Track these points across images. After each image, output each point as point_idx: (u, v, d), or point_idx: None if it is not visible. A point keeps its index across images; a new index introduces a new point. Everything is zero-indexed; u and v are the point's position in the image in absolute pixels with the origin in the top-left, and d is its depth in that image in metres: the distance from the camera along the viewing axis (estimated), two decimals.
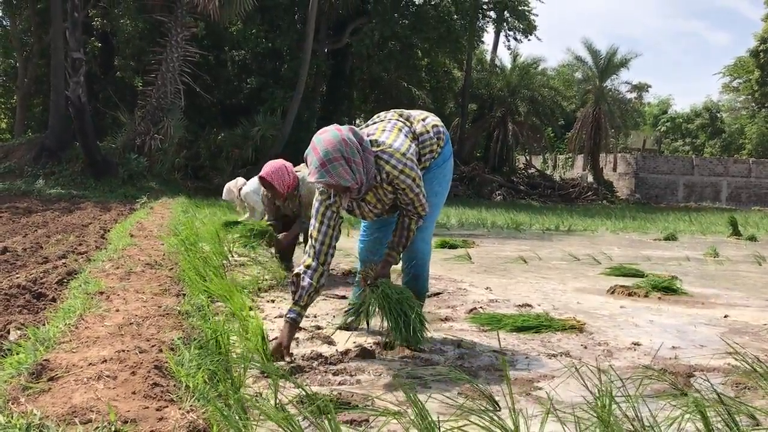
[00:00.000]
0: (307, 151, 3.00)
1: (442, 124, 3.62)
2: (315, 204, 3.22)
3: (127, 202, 14.47)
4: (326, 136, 2.96)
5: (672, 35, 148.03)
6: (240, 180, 8.53)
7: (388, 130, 3.26)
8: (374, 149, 3.11)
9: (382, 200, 3.26)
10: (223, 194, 8.91)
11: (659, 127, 54.27)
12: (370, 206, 3.28)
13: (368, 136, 3.22)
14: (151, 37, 20.81)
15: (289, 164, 5.51)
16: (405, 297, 3.18)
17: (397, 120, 3.39)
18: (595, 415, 2.14)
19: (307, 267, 3.13)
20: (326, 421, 1.90)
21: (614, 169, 34.78)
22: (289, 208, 5.61)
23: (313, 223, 3.19)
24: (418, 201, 3.24)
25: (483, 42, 32.67)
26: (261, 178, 5.34)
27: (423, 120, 3.49)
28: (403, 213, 3.31)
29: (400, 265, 3.67)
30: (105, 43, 23.96)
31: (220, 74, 24.01)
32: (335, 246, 3.23)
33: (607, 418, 2.11)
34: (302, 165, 5.63)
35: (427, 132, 3.44)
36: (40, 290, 3.69)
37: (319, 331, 3.66)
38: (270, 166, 5.40)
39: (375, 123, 3.40)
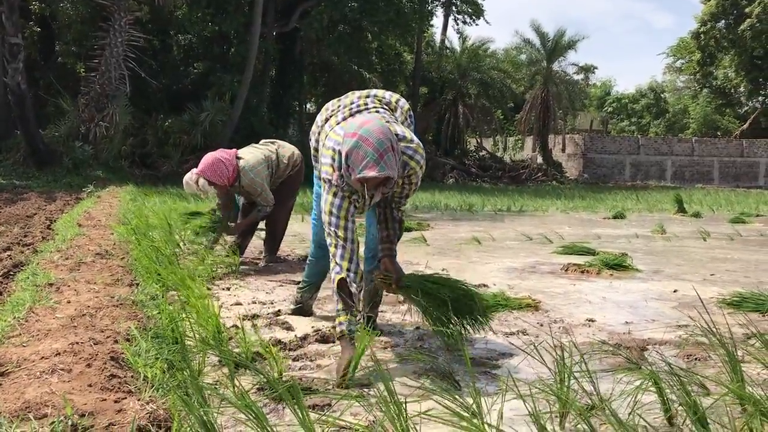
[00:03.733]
0: (351, 144, 2.67)
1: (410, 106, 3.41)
2: (335, 200, 2.86)
3: (72, 191, 14.06)
4: (373, 126, 2.69)
5: (618, 17, 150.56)
6: (194, 170, 8.32)
7: (394, 123, 3.00)
8: (402, 143, 2.87)
9: (385, 191, 2.94)
10: (185, 188, 8.64)
11: (606, 108, 55.27)
12: (375, 199, 2.93)
13: None
14: (93, 21, 20.17)
15: (226, 154, 5.45)
16: (447, 280, 3.10)
17: (384, 109, 3.13)
18: (553, 392, 2.18)
19: (348, 270, 2.79)
20: (293, 407, 1.89)
21: (563, 150, 35.33)
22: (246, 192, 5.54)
23: (336, 221, 2.84)
24: (413, 192, 3.13)
25: (432, 25, 32.67)
26: (198, 174, 5.34)
27: (398, 102, 3.26)
28: (392, 206, 3.13)
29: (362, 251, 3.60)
30: (44, 28, 23.13)
31: (166, 59, 23.48)
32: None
33: (565, 394, 2.15)
34: (245, 149, 5.66)
35: (406, 119, 3.24)
36: None
37: (278, 317, 3.63)
38: (204, 163, 5.36)
39: (360, 112, 3.06)
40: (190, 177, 6.22)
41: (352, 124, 2.77)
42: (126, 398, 1.77)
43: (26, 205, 9.92)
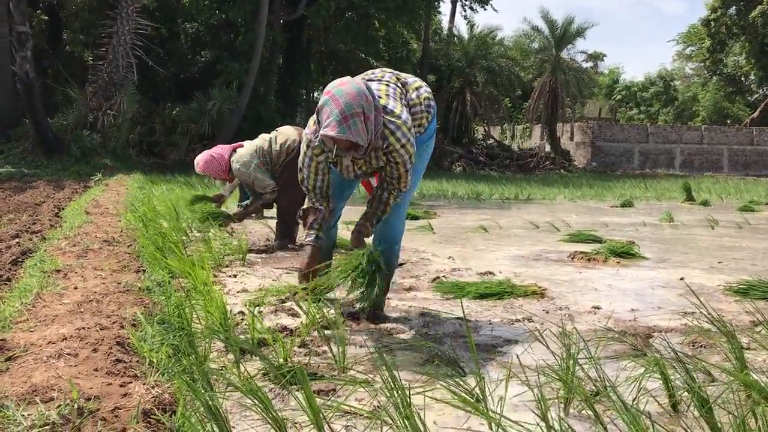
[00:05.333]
0: (322, 101, 2.80)
1: (433, 97, 3.37)
2: (305, 160, 3.13)
3: (80, 179, 14.11)
4: (348, 88, 2.77)
5: (628, 4, 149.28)
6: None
7: (393, 97, 3.03)
8: (387, 116, 2.92)
9: (370, 165, 3.11)
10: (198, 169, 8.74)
11: (614, 96, 54.96)
12: (356, 167, 3.12)
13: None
14: (101, 9, 20.19)
15: (220, 150, 6.02)
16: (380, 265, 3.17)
17: (395, 85, 3.16)
18: (558, 377, 2.18)
19: (313, 201, 3.21)
20: (299, 392, 1.90)
21: (571, 139, 35.20)
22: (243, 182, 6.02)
23: (306, 173, 3.15)
24: (405, 178, 3.10)
25: (440, 12, 32.55)
26: (200, 171, 6.06)
27: (417, 89, 3.26)
28: (383, 186, 3.16)
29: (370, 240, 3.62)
30: (52, 17, 23.17)
31: (174, 47, 23.49)
32: (331, 193, 3.26)
33: (570, 380, 2.15)
34: (248, 141, 6.06)
35: (419, 104, 3.21)
36: None
37: (283, 304, 3.64)
38: (200, 162, 5.98)
39: (373, 81, 3.13)
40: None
41: (333, 83, 2.87)
42: (131, 382, 1.79)
43: (35, 193, 9.97)
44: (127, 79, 19.19)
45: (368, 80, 3.11)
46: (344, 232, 4.47)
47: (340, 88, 2.77)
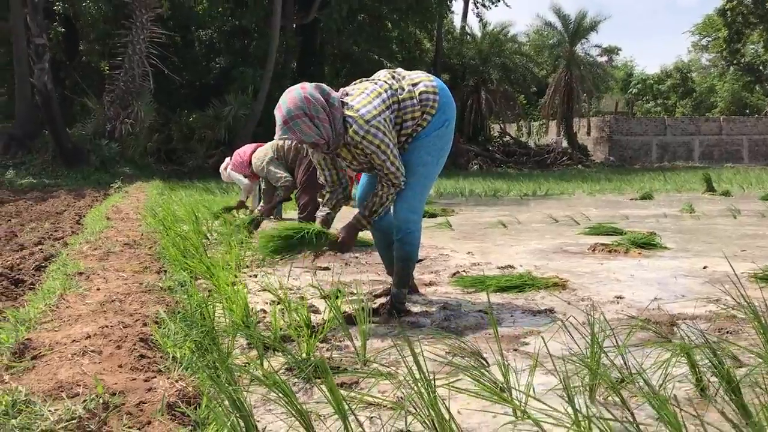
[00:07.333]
0: (274, 110, 3.13)
1: (440, 89, 3.41)
2: (315, 158, 3.51)
3: (100, 188, 14.26)
4: (290, 95, 3.08)
5: None
6: (227, 160, 8.56)
7: (366, 93, 3.24)
8: (345, 111, 3.17)
9: (357, 158, 3.30)
10: (223, 177, 8.95)
11: (630, 90, 54.51)
12: (346, 162, 3.39)
13: (345, 95, 3.26)
14: (116, 19, 20.39)
15: (247, 148, 7.33)
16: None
17: (385, 81, 3.33)
18: (583, 364, 2.16)
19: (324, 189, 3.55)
20: (322, 385, 1.89)
21: (588, 134, 34.96)
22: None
23: (322, 171, 3.50)
24: (386, 168, 3.22)
25: (452, 11, 32.48)
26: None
27: (413, 85, 3.36)
28: (378, 178, 3.31)
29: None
30: (68, 28, 23.43)
31: (188, 55, 23.64)
32: (342, 175, 3.54)
33: (594, 365, 2.13)
34: (268, 144, 6.87)
35: (411, 98, 3.29)
36: (17, 276, 3.63)
37: (303, 301, 3.64)
38: (233, 161, 7.44)
39: (363, 82, 3.41)
40: (222, 167, 8.31)
41: (284, 93, 3.17)
42: (155, 377, 1.79)
43: (56, 202, 10.08)
44: (143, 88, 19.36)
45: (361, 81, 3.40)
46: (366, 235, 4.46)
47: (284, 97, 3.10)
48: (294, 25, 24.94)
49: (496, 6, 32.11)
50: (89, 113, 20.12)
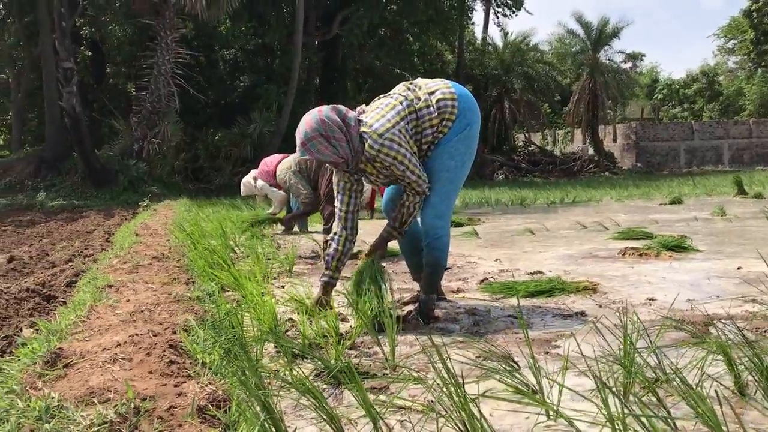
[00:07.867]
0: (296, 132, 3.27)
1: (459, 95, 3.41)
2: (335, 179, 3.51)
3: (129, 207, 14.45)
4: (307, 119, 3.20)
5: (662, 2, 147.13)
6: (253, 172, 8.63)
7: (380, 108, 3.33)
8: (360, 128, 3.26)
9: (381, 171, 3.33)
10: (242, 191, 9.00)
11: (656, 95, 53.96)
12: (372, 177, 3.41)
13: (362, 113, 3.37)
14: (141, 41, 20.73)
15: (272, 159, 7.72)
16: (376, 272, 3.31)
17: (400, 94, 3.40)
18: (618, 363, 2.11)
19: (334, 233, 3.48)
20: (349, 390, 1.88)
21: (614, 140, 34.65)
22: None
23: (337, 195, 3.50)
24: (408, 178, 3.26)
25: (473, 22, 32.55)
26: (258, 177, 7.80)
27: (430, 94, 3.40)
28: (404, 189, 3.36)
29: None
30: (95, 51, 23.90)
31: (213, 74, 23.95)
32: (357, 211, 3.53)
33: (630, 366, 2.09)
34: (292, 156, 7.04)
35: (428, 107, 3.33)
36: (49, 293, 3.68)
37: (331, 310, 3.64)
38: (260, 170, 7.88)
39: (381, 98, 3.48)
40: (248, 178, 8.68)
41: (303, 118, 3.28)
42: (185, 382, 1.80)
43: (86, 222, 10.23)
44: (169, 108, 19.62)
45: (381, 98, 3.48)
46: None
47: (303, 120, 3.22)
48: (316, 42, 25.16)
49: (516, 15, 32.07)
50: (117, 134, 20.44)
